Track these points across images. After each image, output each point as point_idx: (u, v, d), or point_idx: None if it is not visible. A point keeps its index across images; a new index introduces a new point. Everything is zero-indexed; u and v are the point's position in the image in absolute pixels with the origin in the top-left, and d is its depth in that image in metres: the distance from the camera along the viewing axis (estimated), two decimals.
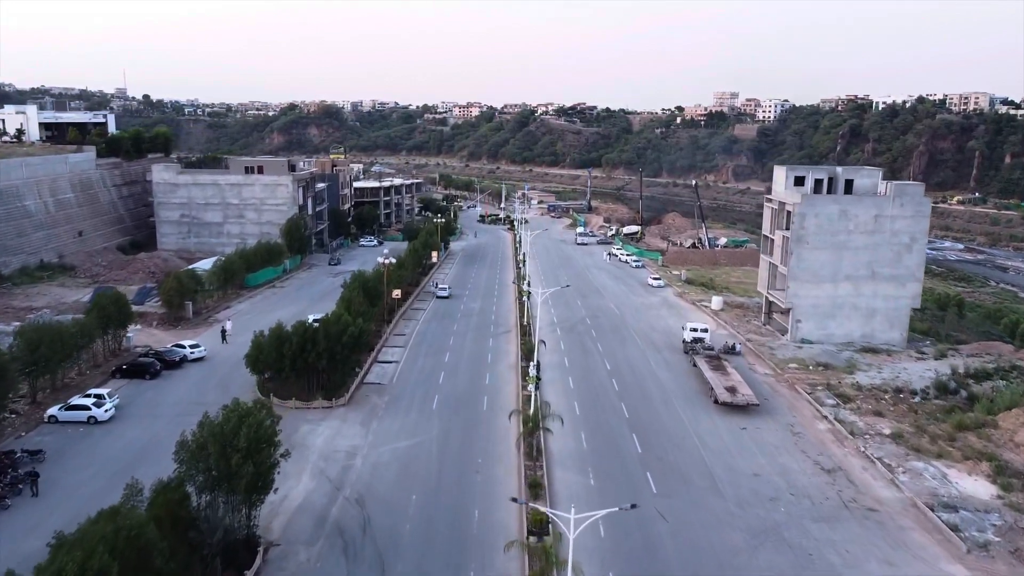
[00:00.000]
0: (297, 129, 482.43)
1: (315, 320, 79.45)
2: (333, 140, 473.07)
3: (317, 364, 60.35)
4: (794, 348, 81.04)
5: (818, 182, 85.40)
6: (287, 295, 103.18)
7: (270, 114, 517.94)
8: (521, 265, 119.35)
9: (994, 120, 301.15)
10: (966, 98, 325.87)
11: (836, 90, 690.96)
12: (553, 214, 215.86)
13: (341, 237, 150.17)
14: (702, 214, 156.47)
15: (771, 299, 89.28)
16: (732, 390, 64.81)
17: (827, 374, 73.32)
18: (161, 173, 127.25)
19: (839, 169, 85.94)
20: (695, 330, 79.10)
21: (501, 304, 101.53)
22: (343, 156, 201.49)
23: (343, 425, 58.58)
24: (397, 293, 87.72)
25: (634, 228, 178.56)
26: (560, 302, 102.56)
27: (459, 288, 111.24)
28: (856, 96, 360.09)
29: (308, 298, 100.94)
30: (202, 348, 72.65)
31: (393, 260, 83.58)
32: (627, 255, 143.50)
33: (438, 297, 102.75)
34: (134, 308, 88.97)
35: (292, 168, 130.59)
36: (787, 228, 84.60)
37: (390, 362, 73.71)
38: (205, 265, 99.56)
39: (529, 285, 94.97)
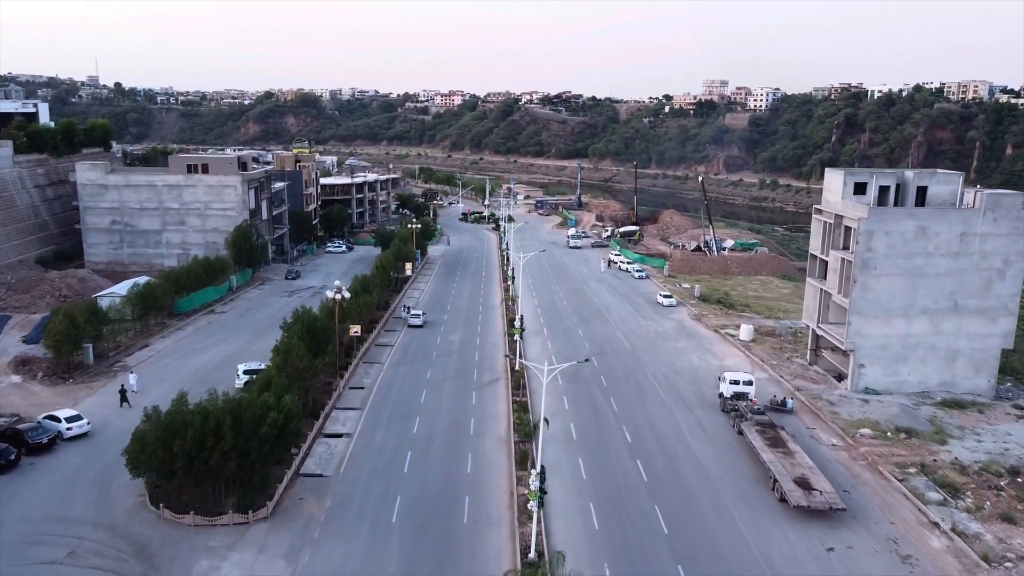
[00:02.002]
0: (274, 118, 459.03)
1: (248, 371, 60.56)
2: (311, 129, 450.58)
3: (223, 468, 41.04)
4: (859, 402, 62.54)
5: (883, 190, 66.84)
6: (226, 324, 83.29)
7: (246, 103, 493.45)
8: (511, 281, 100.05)
9: (994, 109, 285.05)
10: (964, 87, 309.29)
11: (827, 79, 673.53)
12: (541, 211, 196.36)
13: (304, 243, 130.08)
14: (709, 213, 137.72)
15: (820, 333, 70.76)
16: (804, 484, 46.25)
17: (914, 445, 54.90)
18: (87, 173, 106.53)
19: (909, 174, 67.40)
20: (736, 383, 60.40)
21: (487, 334, 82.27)
22: (308, 150, 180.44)
23: (259, 558, 39.33)
24: (356, 329, 68.38)
25: (631, 228, 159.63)
26: (558, 331, 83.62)
27: (436, 312, 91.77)
28: (850, 84, 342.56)
29: (252, 328, 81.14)
30: (84, 421, 52.78)
31: (346, 294, 63.93)
32: (628, 262, 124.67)
33: (410, 326, 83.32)
34: (26, 348, 69.66)
35: (243, 167, 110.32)
36: (845, 248, 66.11)
37: (339, 435, 54.34)
38: (122, 290, 79.45)
39: (522, 338, 74.96)
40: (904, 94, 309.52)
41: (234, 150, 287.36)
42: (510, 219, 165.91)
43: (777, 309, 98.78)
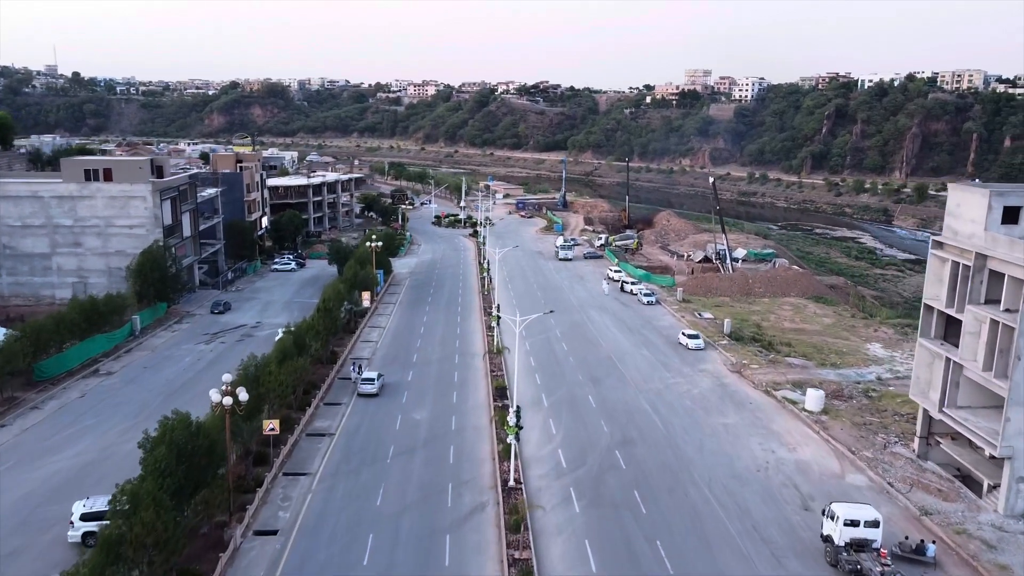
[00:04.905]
0: (239, 109, 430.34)
1: (89, 516, 37.14)
2: (278, 121, 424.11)
3: None
4: None
5: None
6: (108, 395, 58.99)
7: (210, 93, 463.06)
8: (496, 323, 76.53)
9: (991, 100, 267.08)
10: (959, 76, 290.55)
11: (814, 68, 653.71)
12: (522, 213, 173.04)
13: (244, 261, 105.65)
14: (723, 220, 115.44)
15: (938, 417, 48.62)
16: None
17: None
18: None
19: None
20: (855, 524, 38.04)
21: (466, 409, 58.48)
22: (251, 148, 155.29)
23: None
24: (272, 426, 45.10)
25: (629, 235, 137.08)
26: (562, 399, 60.65)
27: (397, 366, 68.04)
28: (838, 74, 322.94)
29: (140, 403, 56.81)
30: None
31: (244, 395, 39.74)
32: (632, 281, 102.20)
33: (360, 394, 59.84)
34: None
35: (158, 171, 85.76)
36: (993, 302, 44.00)
37: None
38: None
39: (519, 439, 49.48)
40: (896, 84, 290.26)
41: (189, 143, 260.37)
42: (488, 222, 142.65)
43: (827, 350, 76.91)
